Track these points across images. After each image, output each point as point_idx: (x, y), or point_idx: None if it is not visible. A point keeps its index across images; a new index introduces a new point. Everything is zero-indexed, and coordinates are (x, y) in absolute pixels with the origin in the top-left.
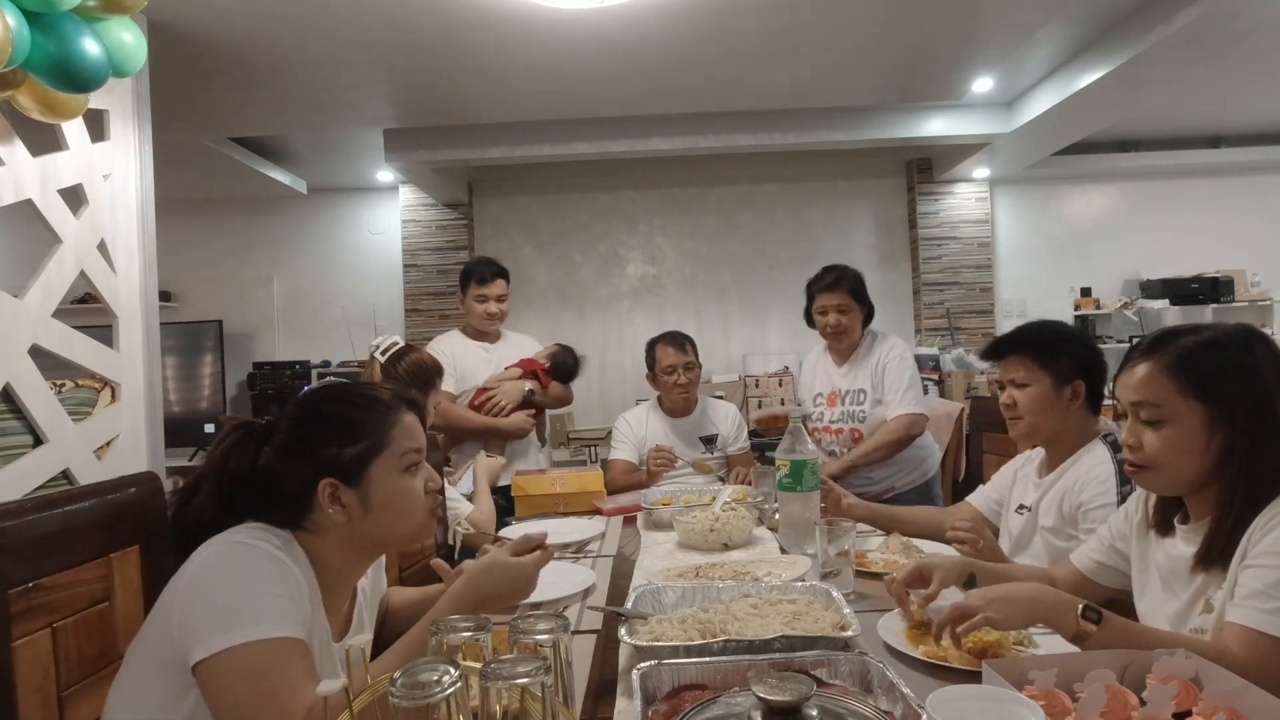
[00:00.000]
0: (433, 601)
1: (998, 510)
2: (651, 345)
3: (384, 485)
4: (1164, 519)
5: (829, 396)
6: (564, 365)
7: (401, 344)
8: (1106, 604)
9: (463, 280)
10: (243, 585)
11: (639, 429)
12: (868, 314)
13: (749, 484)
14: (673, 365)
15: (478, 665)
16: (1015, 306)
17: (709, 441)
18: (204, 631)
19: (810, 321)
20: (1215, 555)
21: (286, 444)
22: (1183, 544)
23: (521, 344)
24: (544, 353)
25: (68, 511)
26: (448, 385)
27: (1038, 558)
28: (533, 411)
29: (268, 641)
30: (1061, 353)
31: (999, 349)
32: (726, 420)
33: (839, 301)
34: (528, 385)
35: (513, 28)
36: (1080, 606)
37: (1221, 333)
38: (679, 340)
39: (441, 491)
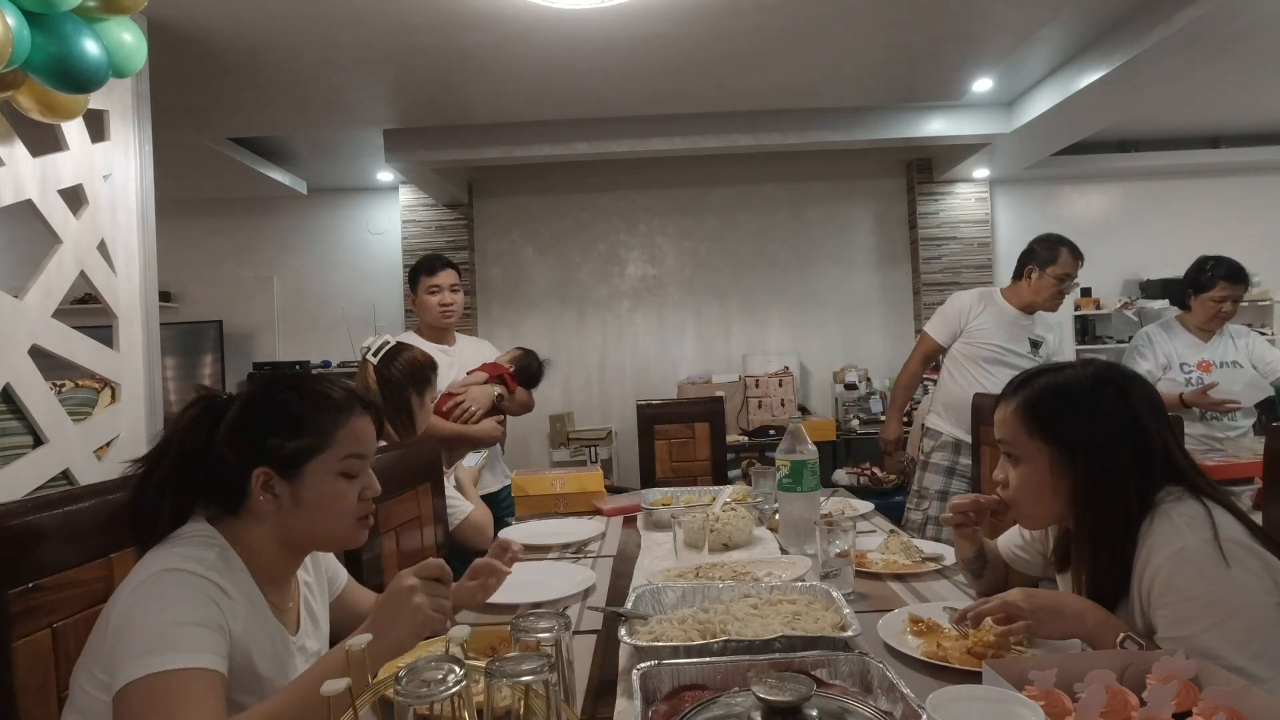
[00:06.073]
0: None
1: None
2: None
3: (317, 485)
4: (1061, 556)
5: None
6: (529, 370)
7: (394, 342)
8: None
9: (411, 279)
10: (164, 614)
11: None
12: None
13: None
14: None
15: (482, 663)
16: None
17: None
18: (123, 661)
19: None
20: (1095, 596)
21: (233, 426)
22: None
23: (480, 347)
24: (507, 356)
25: (68, 511)
26: None
27: None
28: (500, 418)
29: (178, 671)
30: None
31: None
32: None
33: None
34: (496, 390)
35: (513, 28)
36: (1122, 636)
37: (1074, 375)
38: None
39: (443, 493)
